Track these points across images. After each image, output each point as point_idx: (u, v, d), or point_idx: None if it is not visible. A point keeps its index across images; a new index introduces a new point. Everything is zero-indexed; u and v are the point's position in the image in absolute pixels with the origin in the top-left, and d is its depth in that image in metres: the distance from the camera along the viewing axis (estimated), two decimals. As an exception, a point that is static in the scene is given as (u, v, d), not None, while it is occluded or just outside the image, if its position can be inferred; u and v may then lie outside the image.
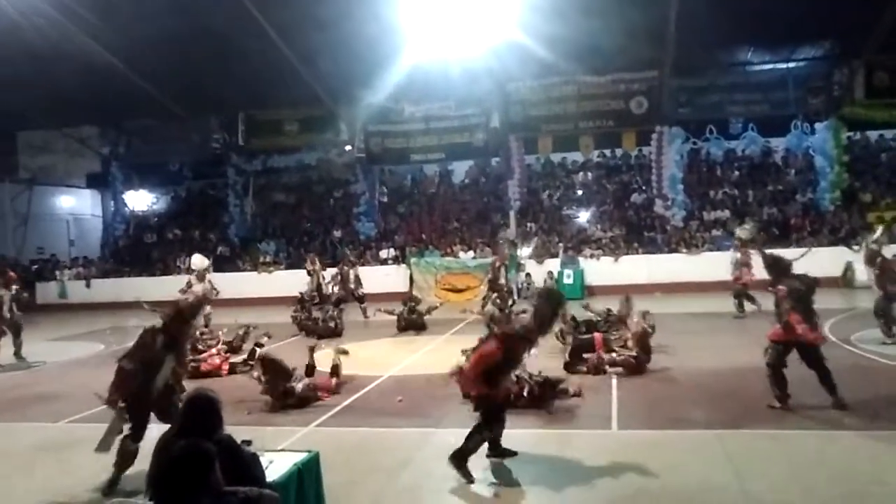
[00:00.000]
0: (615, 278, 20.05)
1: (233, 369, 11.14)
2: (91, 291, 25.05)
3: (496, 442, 6.51)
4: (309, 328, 15.01)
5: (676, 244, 21.24)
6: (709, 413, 7.80)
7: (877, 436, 6.75)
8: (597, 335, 10.98)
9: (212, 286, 14.88)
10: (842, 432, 6.94)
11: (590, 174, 26.35)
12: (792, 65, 21.81)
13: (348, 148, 25.15)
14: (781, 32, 19.82)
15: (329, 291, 17.60)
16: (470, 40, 18.02)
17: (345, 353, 10.18)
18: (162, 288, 19.31)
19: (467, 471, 6.03)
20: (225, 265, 23.93)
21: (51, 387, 11.24)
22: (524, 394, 8.02)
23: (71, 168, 28.65)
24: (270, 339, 12.22)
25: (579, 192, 25.73)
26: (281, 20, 18.63)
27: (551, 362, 9.85)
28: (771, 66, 22.08)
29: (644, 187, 24.41)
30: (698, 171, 24.76)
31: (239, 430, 5.08)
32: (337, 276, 17.54)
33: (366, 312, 16.97)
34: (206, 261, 15.32)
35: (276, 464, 4.88)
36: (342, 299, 16.98)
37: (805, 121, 22.71)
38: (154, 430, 6.79)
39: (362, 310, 17.02)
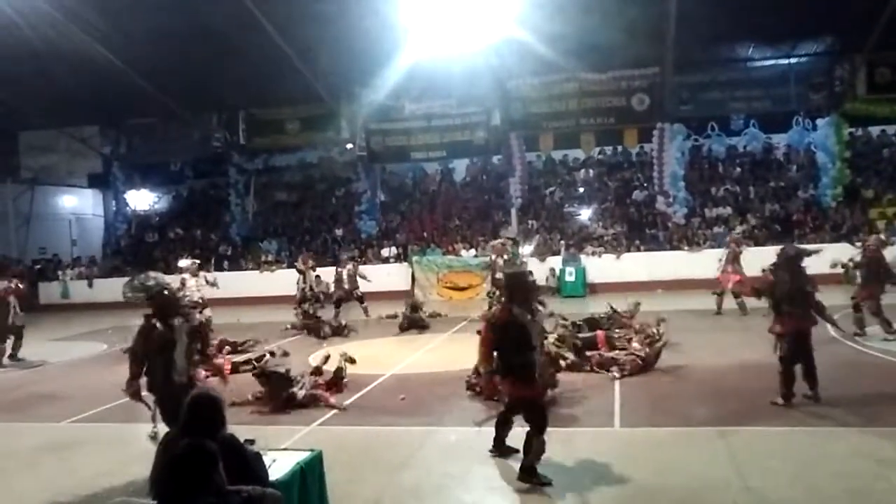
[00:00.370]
0: (617, 275, 20.07)
1: (235, 369, 11.14)
2: (93, 291, 25.05)
3: (501, 440, 6.49)
4: (312, 328, 14.99)
5: (678, 241, 21.22)
6: (711, 410, 7.79)
7: (880, 432, 6.74)
8: (599, 333, 10.98)
9: (206, 280, 14.70)
10: (845, 429, 6.93)
11: (591, 171, 26.32)
12: (793, 60, 21.76)
13: (349, 146, 25.15)
14: (782, 28, 19.79)
15: (324, 290, 17.65)
16: (470, 37, 17.99)
17: (352, 361, 10.01)
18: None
19: (540, 478, 5.83)
20: (227, 264, 23.97)
21: (53, 387, 11.26)
22: None
23: (72, 168, 28.65)
24: (287, 355, 12.07)
25: (581, 190, 25.69)
26: (281, 18, 18.61)
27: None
28: (772, 62, 22.03)
29: (645, 184, 24.38)
30: (700, 167, 24.73)
31: (242, 429, 5.07)
32: (336, 276, 17.53)
33: (367, 311, 16.97)
34: (194, 262, 15.20)
35: (279, 463, 4.89)
36: (342, 299, 16.99)
37: (806, 117, 22.70)
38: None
39: (363, 309, 17.02)
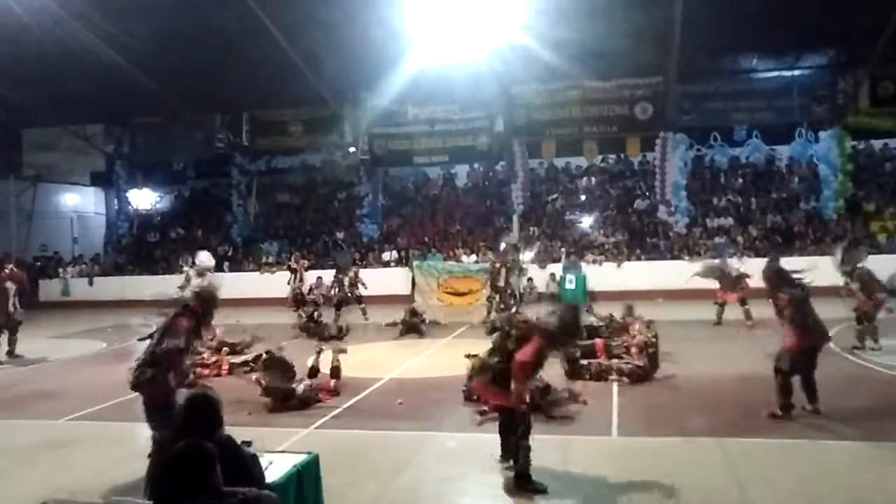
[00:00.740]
0: (617, 284, 20.02)
1: (232, 370, 11.13)
2: (94, 289, 25.08)
3: (507, 447, 6.36)
4: (312, 331, 14.99)
5: (679, 251, 21.20)
6: (710, 420, 7.77)
7: (879, 445, 6.73)
8: (598, 341, 10.95)
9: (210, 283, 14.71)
10: (844, 441, 6.92)
11: (593, 179, 26.31)
12: (797, 73, 21.78)
13: (352, 150, 25.19)
14: (786, 40, 19.83)
15: (323, 293, 17.70)
16: (475, 43, 18.02)
17: (343, 352, 10.21)
18: (164, 287, 19.26)
19: (535, 485, 5.83)
20: (228, 265, 23.95)
21: (52, 384, 11.26)
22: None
23: (75, 166, 28.72)
24: (282, 350, 12.13)
25: (583, 198, 25.69)
26: (286, 21, 18.65)
27: (551, 368, 9.80)
28: (776, 74, 22.03)
29: (647, 193, 24.38)
30: (702, 177, 24.72)
31: (239, 430, 5.06)
32: (335, 279, 17.55)
33: (365, 313, 16.97)
34: (212, 261, 15.22)
35: (276, 465, 4.88)
36: (342, 301, 17.00)
37: (809, 129, 22.68)
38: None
39: (362, 311, 17.01)
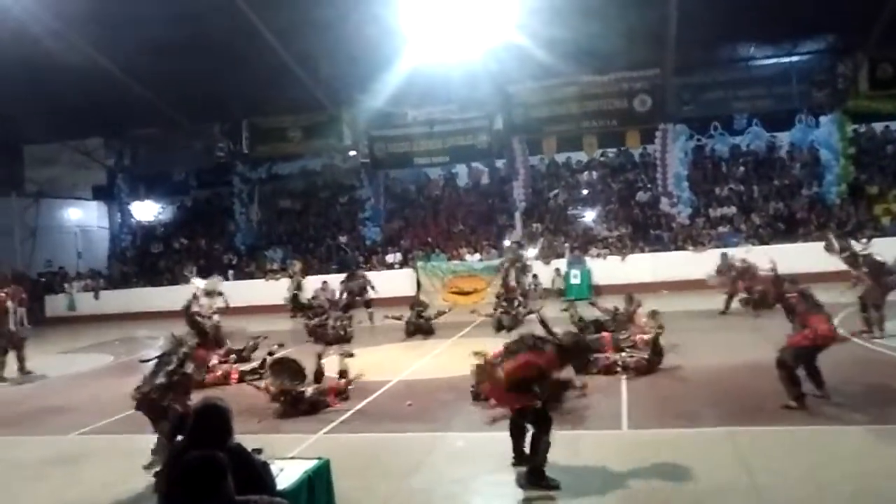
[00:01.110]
0: (622, 277, 19.98)
1: (242, 378, 11.15)
2: (100, 303, 25.14)
3: (519, 450, 6.33)
4: (319, 335, 15.01)
5: (683, 242, 21.17)
6: (719, 411, 7.77)
7: (889, 430, 6.72)
8: (605, 335, 10.96)
9: (224, 302, 14.63)
10: (853, 427, 6.91)
11: (594, 173, 26.29)
12: (795, 59, 21.70)
13: (352, 153, 25.22)
14: (783, 27, 19.76)
15: (329, 297, 17.74)
16: (470, 43, 18.03)
17: (350, 355, 10.19)
18: (169, 298, 19.35)
19: (549, 481, 5.83)
20: (232, 273, 23.98)
21: (60, 399, 11.28)
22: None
23: (77, 180, 28.81)
24: (282, 347, 12.22)
25: (584, 192, 25.67)
26: (281, 26, 18.69)
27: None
28: (774, 61, 21.95)
29: (649, 185, 24.35)
30: (703, 167, 24.68)
31: (249, 438, 5.07)
32: (344, 288, 17.58)
33: (372, 318, 16.98)
34: (220, 285, 15.11)
35: (287, 472, 4.89)
36: (350, 305, 17.02)
37: (809, 114, 22.59)
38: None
39: (369, 315, 17.03)
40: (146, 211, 29.63)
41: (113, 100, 22.01)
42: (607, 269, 20.76)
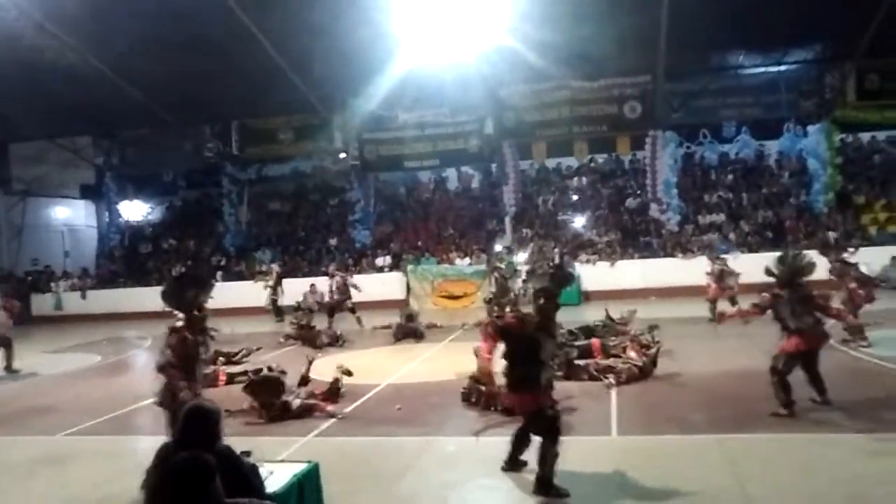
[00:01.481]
0: (611, 283, 20.06)
1: (230, 380, 11.09)
2: (87, 303, 24.96)
3: (516, 457, 6.30)
4: (307, 338, 14.95)
5: (672, 248, 21.25)
6: (709, 417, 7.79)
7: (878, 438, 6.76)
8: (594, 341, 10.98)
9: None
10: (843, 435, 6.94)
11: (584, 179, 26.36)
12: (783, 68, 21.90)
13: (343, 156, 25.16)
14: (773, 36, 19.92)
15: (318, 300, 17.73)
16: (462, 46, 18.05)
17: (349, 374, 9.91)
18: (157, 298, 19.20)
19: (558, 489, 5.76)
20: (221, 274, 23.85)
21: (47, 399, 11.18)
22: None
23: (65, 179, 28.60)
24: (259, 350, 12.15)
25: (574, 198, 25.72)
26: (273, 28, 18.65)
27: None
28: (763, 70, 22.15)
29: (639, 192, 24.44)
30: (692, 174, 24.79)
31: (237, 440, 5.04)
32: (330, 286, 17.52)
33: (360, 321, 16.93)
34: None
35: (276, 475, 4.86)
36: (333, 308, 16.97)
37: (797, 123, 22.81)
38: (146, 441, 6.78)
39: (356, 319, 16.97)
40: (135, 211, 29.43)
41: (103, 99, 21.88)
42: (597, 274, 20.81)
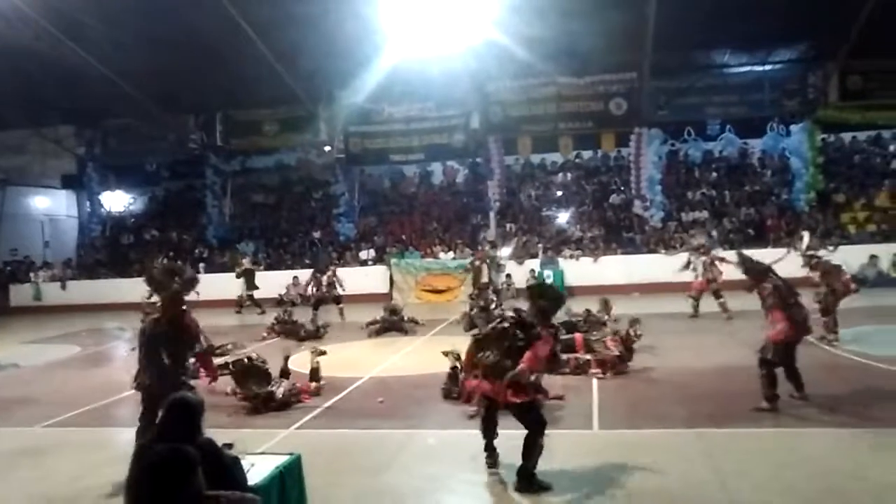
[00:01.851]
0: (595, 278, 20.15)
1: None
2: (66, 293, 24.73)
3: (492, 446, 6.29)
4: (288, 331, 14.91)
5: (655, 245, 21.38)
6: (689, 412, 7.85)
7: (855, 433, 6.85)
8: (577, 336, 11.02)
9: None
10: (820, 430, 7.04)
11: (569, 175, 26.45)
12: (768, 67, 22.06)
13: (328, 148, 25.06)
14: (758, 35, 20.06)
15: (300, 292, 17.67)
16: (449, 40, 18.00)
17: (322, 353, 10.10)
18: (138, 289, 19.07)
19: (540, 483, 5.78)
20: (203, 266, 23.71)
21: (26, 390, 11.07)
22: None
23: (46, 168, 28.21)
24: (237, 346, 12.11)
25: (558, 193, 25.80)
26: (260, 20, 18.53)
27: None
28: (747, 69, 22.30)
29: (623, 188, 24.56)
30: (676, 172, 24.95)
31: (219, 432, 5.03)
32: (313, 278, 17.46)
33: (343, 313, 16.89)
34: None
35: (258, 467, 4.86)
36: (320, 301, 16.92)
37: (781, 122, 23.01)
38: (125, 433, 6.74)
39: (339, 311, 16.94)
40: (117, 201, 29.18)
41: (86, 88, 21.64)
42: (580, 270, 20.91)
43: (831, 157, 23.76)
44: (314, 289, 17.15)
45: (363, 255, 23.79)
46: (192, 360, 6.88)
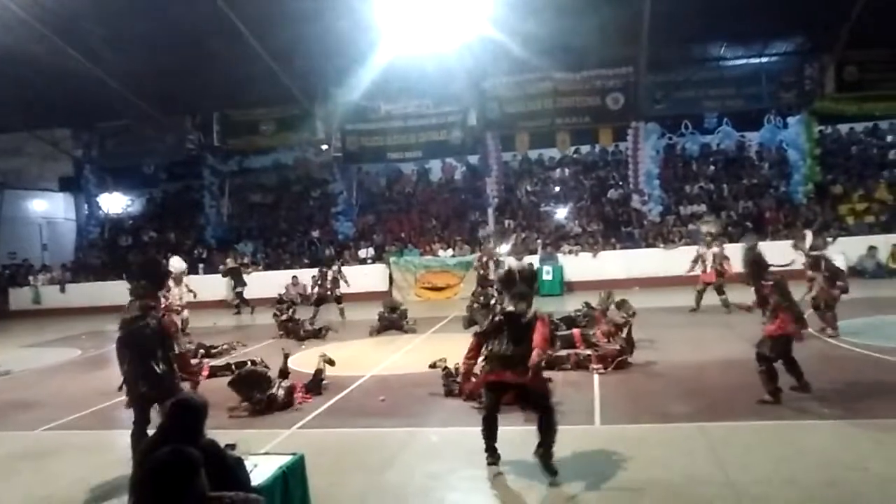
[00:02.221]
0: (593, 274, 20.16)
1: (213, 373, 11.02)
2: (66, 296, 24.71)
3: (493, 446, 6.31)
4: (290, 330, 14.89)
5: (653, 239, 21.39)
6: (691, 406, 7.86)
7: (855, 423, 6.86)
8: (576, 331, 11.05)
9: (188, 289, 14.77)
10: (821, 421, 7.05)
11: (567, 170, 26.44)
12: (764, 60, 22.03)
13: (325, 147, 25.02)
14: (754, 28, 20.04)
15: (300, 292, 17.66)
16: (445, 37, 17.98)
17: (331, 363, 10.04)
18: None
19: (554, 465, 5.98)
20: (202, 267, 23.71)
21: (26, 394, 11.07)
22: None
23: (43, 171, 28.24)
24: (240, 344, 12.14)
25: (556, 189, 25.80)
26: (254, 18, 18.46)
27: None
28: (744, 62, 22.26)
29: (621, 183, 24.55)
30: (674, 166, 24.94)
31: (222, 433, 5.03)
32: (316, 276, 17.45)
33: (343, 313, 16.87)
34: (183, 264, 15.13)
35: (261, 467, 4.86)
36: (322, 299, 16.91)
37: (778, 115, 22.95)
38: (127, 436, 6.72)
39: (340, 310, 16.92)
40: (114, 203, 29.14)
41: (82, 90, 21.62)
42: (579, 265, 20.93)
43: (829, 149, 23.76)
44: (318, 283, 17.14)
45: (362, 253, 23.77)
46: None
